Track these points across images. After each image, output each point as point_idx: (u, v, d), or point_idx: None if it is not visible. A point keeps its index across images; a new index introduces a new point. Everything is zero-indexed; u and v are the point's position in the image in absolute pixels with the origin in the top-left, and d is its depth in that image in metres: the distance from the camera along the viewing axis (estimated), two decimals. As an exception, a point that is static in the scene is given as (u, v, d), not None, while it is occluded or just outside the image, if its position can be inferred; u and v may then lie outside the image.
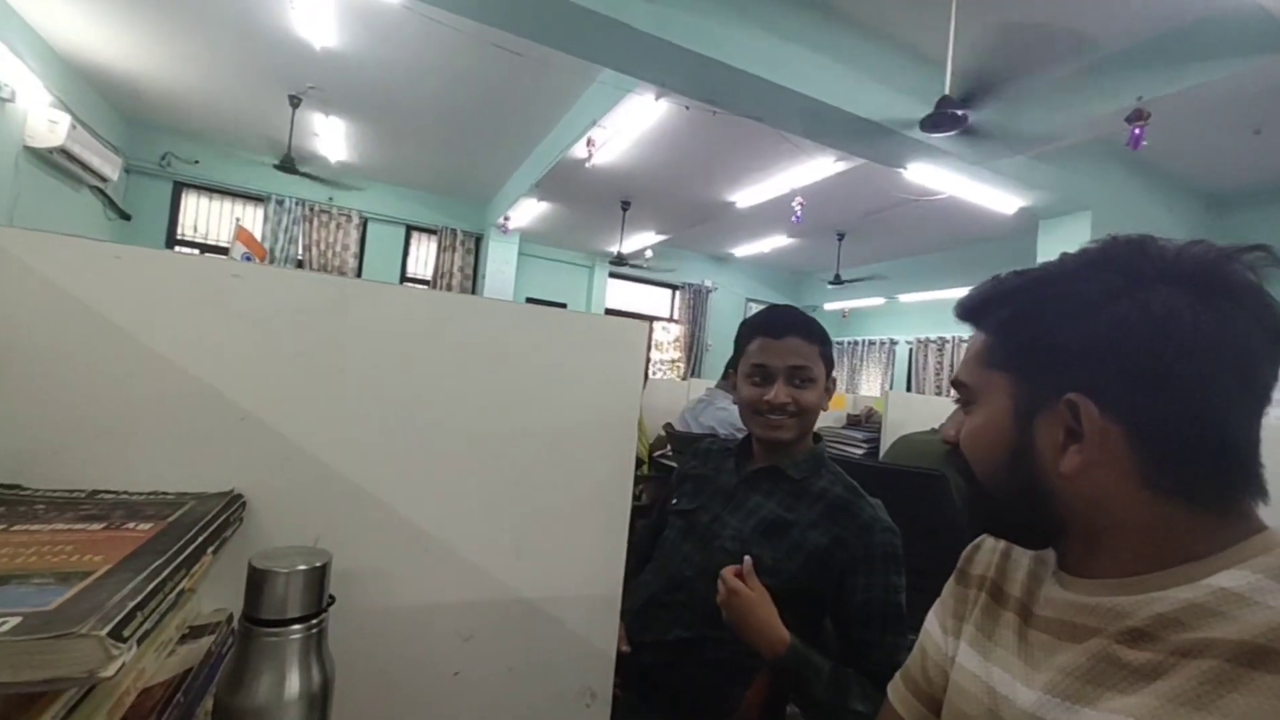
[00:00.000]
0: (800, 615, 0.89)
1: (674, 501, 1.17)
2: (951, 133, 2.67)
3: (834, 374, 1.08)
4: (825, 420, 2.83)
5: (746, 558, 0.89)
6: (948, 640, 0.57)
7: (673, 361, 7.83)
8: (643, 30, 2.39)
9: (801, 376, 1.02)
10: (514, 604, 0.70)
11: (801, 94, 2.73)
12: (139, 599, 0.33)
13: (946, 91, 2.56)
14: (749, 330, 1.08)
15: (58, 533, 0.43)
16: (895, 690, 0.64)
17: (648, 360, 7.40)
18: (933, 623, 0.62)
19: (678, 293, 7.87)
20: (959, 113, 2.54)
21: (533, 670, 0.71)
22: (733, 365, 1.14)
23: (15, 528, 0.43)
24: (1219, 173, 4.05)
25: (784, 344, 1.03)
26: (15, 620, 0.29)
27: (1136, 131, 2.62)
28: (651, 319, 7.80)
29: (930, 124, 2.62)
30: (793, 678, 0.84)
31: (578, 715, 0.73)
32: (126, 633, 0.31)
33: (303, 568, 0.43)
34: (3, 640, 0.28)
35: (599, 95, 3.55)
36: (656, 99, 3.29)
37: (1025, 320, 0.48)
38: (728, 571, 0.88)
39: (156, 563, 0.38)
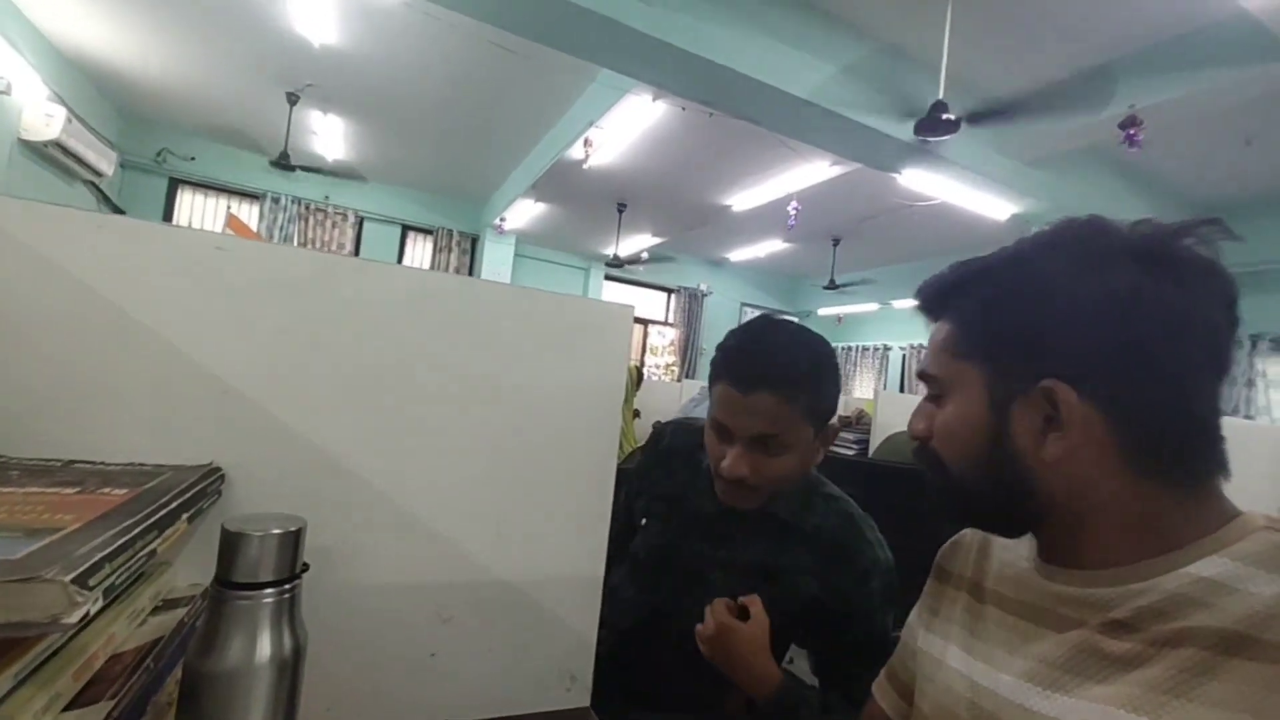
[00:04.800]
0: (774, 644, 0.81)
1: (643, 521, 0.98)
2: (945, 137, 2.69)
3: (833, 421, 0.85)
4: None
5: (755, 597, 0.80)
6: (930, 639, 0.57)
7: (668, 365, 7.84)
8: (640, 30, 2.41)
9: (770, 444, 0.77)
10: (494, 586, 0.70)
11: (796, 96, 2.75)
12: (106, 552, 0.33)
13: (940, 96, 2.58)
14: (716, 367, 0.82)
15: (30, 494, 0.43)
16: (878, 685, 0.65)
17: (643, 361, 7.41)
18: (915, 621, 0.62)
19: (673, 296, 7.89)
20: (952, 117, 2.56)
21: (512, 653, 0.71)
22: None
23: (-13, 489, 0.43)
24: (1212, 183, 4.08)
25: (750, 402, 0.76)
26: (-22, 566, 0.29)
27: (1132, 133, 2.66)
28: (647, 322, 7.81)
29: (924, 128, 2.64)
30: (784, 715, 0.76)
31: (558, 699, 0.73)
32: (92, 582, 0.31)
33: (276, 531, 0.43)
34: (-36, 582, 0.28)
35: (596, 96, 3.56)
36: (654, 100, 3.31)
37: (992, 308, 0.48)
38: (720, 605, 0.79)
39: (127, 522, 0.38)
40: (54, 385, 0.54)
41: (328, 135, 4.84)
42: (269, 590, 0.42)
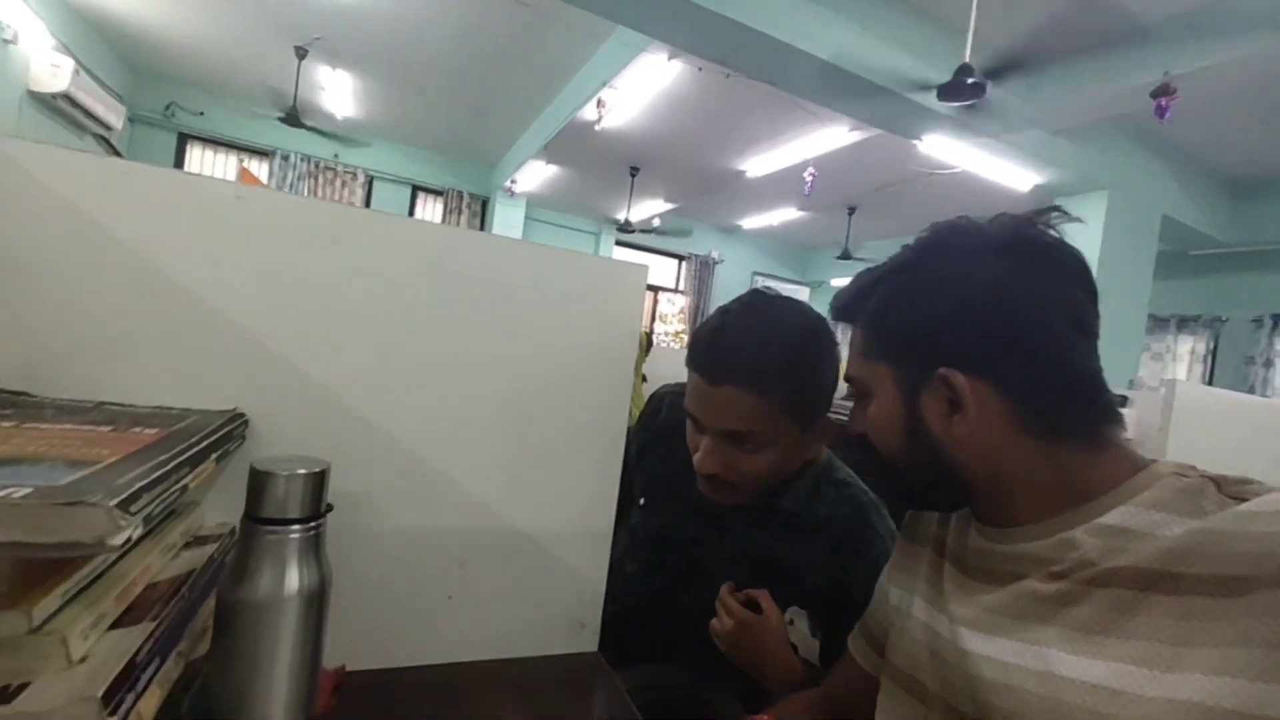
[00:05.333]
0: None
1: (641, 501, 0.95)
2: (969, 102, 2.61)
3: (827, 416, 0.75)
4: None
5: (764, 592, 0.76)
6: (900, 595, 0.60)
7: (677, 333, 7.83)
8: (657, -16, 2.33)
9: (744, 441, 0.70)
10: (508, 533, 0.72)
11: (817, 57, 2.66)
12: (145, 482, 0.35)
13: (967, 59, 2.49)
14: (690, 351, 0.74)
15: (67, 431, 0.44)
16: (853, 638, 0.68)
17: (652, 328, 7.42)
18: (886, 578, 0.65)
19: (684, 263, 7.83)
20: (978, 82, 2.48)
21: (524, 598, 0.73)
22: None
23: (26, 425, 0.44)
24: (1241, 159, 3.95)
25: (718, 395, 0.68)
26: (28, 489, 0.31)
27: (1163, 103, 2.57)
28: (657, 289, 7.78)
29: (947, 92, 2.56)
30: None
31: (567, 644, 0.76)
32: (134, 509, 0.33)
33: (303, 472, 0.44)
34: (17, 503, 0.30)
35: (610, 55, 3.47)
36: (669, 59, 3.22)
37: (887, 311, 0.53)
38: (731, 599, 0.75)
39: (162, 457, 0.40)
40: (81, 330, 0.56)
41: (337, 91, 4.76)
42: (296, 526, 0.44)
